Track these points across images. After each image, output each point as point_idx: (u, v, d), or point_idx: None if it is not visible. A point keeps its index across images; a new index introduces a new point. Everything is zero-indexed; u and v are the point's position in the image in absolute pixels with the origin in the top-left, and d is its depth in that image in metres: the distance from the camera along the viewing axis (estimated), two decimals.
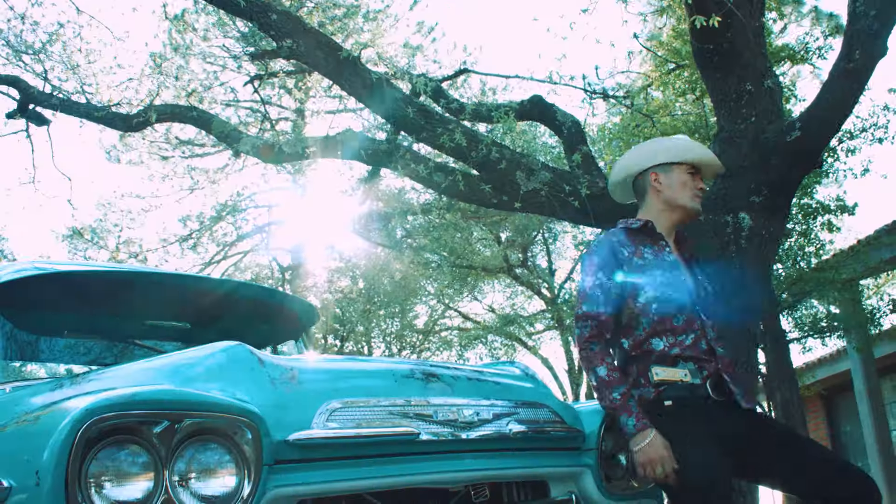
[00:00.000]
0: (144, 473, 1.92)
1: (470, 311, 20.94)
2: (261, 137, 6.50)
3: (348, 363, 2.96)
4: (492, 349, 18.98)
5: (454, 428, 2.47)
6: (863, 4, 4.64)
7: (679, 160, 3.04)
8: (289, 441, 2.12)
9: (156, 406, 1.94)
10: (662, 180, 3.03)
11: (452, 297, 19.78)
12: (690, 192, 3.01)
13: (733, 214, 5.00)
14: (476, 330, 19.42)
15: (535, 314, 19.53)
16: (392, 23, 12.83)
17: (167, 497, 1.93)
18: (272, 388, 2.25)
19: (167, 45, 12.29)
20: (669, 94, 10.20)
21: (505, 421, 2.63)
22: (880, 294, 11.46)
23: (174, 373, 2.32)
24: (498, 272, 16.90)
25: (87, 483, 1.83)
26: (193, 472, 2.00)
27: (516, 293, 19.66)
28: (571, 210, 5.29)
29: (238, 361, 2.34)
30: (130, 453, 1.92)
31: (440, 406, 2.48)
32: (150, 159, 14.40)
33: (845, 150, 9.16)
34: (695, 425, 2.74)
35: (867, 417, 11.27)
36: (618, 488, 2.97)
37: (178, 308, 3.98)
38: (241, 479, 2.04)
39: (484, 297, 20.44)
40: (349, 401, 2.31)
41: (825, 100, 4.74)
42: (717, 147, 5.18)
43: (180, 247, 14.36)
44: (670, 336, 2.82)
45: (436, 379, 2.61)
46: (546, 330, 20.05)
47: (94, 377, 2.60)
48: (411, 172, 5.52)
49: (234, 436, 2.04)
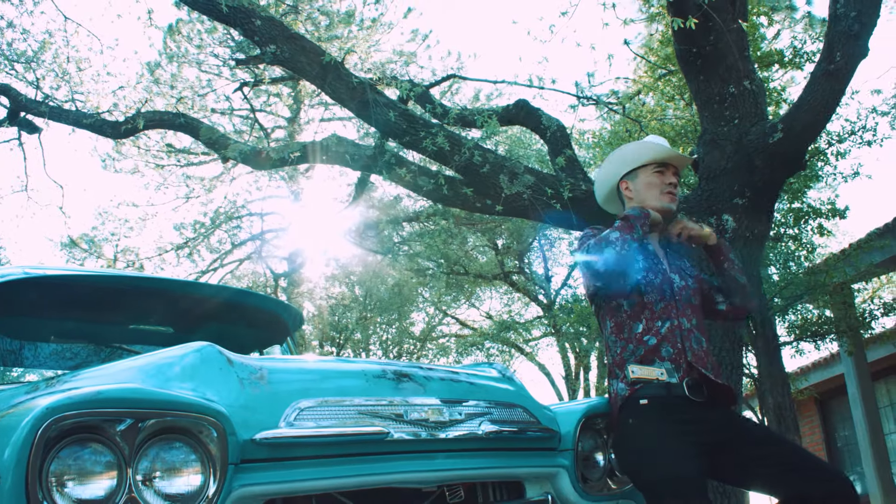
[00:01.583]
0: (107, 472, 1.92)
1: (467, 318, 20.97)
2: (248, 144, 6.51)
3: (319, 363, 2.97)
4: (489, 356, 18.96)
5: (425, 427, 2.47)
6: (843, 6, 4.66)
7: (640, 164, 3.08)
8: (255, 440, 2.12)
9: (119, 404, 1.93)
10: (631, 187, 3.10)
11: (450, 304, 19.80)
12: (656, 191, 3.04)
13: (717, 216, 5.01)
14: (473, 337, 19.39)
15: (532, 320, 19.50)
16: (386, 30, 12.88)
17: (130, 496, 1.93)
18: (240, 387, 2.25)
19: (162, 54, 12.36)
20: (659, 100, 10.23)
21: (478, 421, 2.63)
22: (872, 297, 11.46)
23: (143, 373, 2.32)
24: (494, 279, 16.91)
25: (48, 482, 1.83)
26: (158, 470, 2.00)
27: (513, 300, 19.69)
28: (554, 213, 5.30)
29: (207, 361, 2.34)
30: (93, 452, 1.92)
31: (412, 406, 2.49)
32: (145, 167, 14.45)
33: (835, 154, 9.17)
34: (670, 425, 2.75)
35: (861, 422, 11.25)
36: (595, 489, 2.97)
37: (162, 313, 3.99)
38: (207, 478, 2.04)
39: (481, 303, 20.47)
40: (318, 400, 2.31)
41: (807, 102, 4.76)
42: (701, 149, 5.20)
43: (176, 255, 14.37)
44: (648, 321, 2.86)
45: (408, 379, 2.61)
46: (543, 336, 20.02)
47: (67, 379, 2.61)
48: (396, 177, 5.53)
49: (199, 435, 2.05)
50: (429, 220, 13.72)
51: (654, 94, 10.40)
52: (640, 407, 2.80)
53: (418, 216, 13.75)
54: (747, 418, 3.24)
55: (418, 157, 6.84)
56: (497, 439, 2.67)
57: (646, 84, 10.11)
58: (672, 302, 2.92)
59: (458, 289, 17.67)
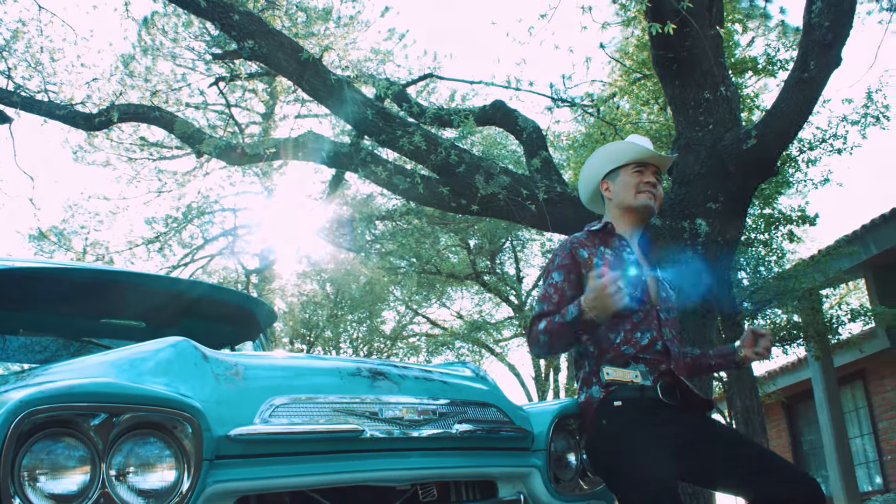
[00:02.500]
0: (80, 467, 1.90)
1: (438, 318, 20.97)
2: (223, 139, 6.47)
3: (294, 360, 2.95)
4: (459, 355, 18.98)
5: (399, 426, 2.47)
6: (817, 16, 4.72)
7: (620, 163, 3.09)
8: (230, 436, 2.11)
9: (93, 398, 1.92)
10: (611, 187, 3.10)
11: (420, 303, 19.79)
12: (633, 190, 3.04)
13: (690, 220, 5.06)
14: (444, 336, 19.41)
15: (503, 321, 19.57)
16: (363, 29, 12.84)
17: (104, 491, 1.91)
18: (215, 383, 2.24)
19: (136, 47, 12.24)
20: (634, 103, 10.30)
21: (452, 420, 2.64)
22: (840, 303, 11.61)
23: (117, 367, 2.30)
24: (466, 279, 16.92)
25: (20, 476, 1.81)
26: (132, 466, 1.98)
27: (484, 300, 19.72)
28: (529, 214, 5.32)
29: (181, 356, 2.32)
30: (66, 446, 1.90)
31: (386, 404, 2.48)
32: (117, 160, 14.30)
33: (806, 161, 9.29)
34: (643, 427, 2.77)
35: (827, 426, 11.40)
36: (567, 489, 2.98)
37: (135, 307, 3.95)
38: (181, 474, 2.03)
39: (452, 303, 20.49)
40: (293, 397, 2.30)
41: (780, 109, 4.82)
42: (676, 153, 5.25)
43: (147, 249, 14.24)
44: (626, 333, 2.85)
45: (382, 377, 2.61)
46: (513, 337, 20.12)
47: (38, 372, 2.58)
48: (371, 175, 5.52)
49: (173, 430, 2.04)
50: (401, 219, 13.70)
51: (629, 98, 10.47)
52: (613, 409, 2.82)
53: (391, 214, 13.73)
54: (718, 422, 3.27)
55: (393, 155, 6.84)
56: (471, 438, 2.68)
57: (621, 88, 10.18)
58: (653, 312, 2.92)
59: (430, 288, 17.66)
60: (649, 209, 3.06)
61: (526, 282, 18.19)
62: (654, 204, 3.07)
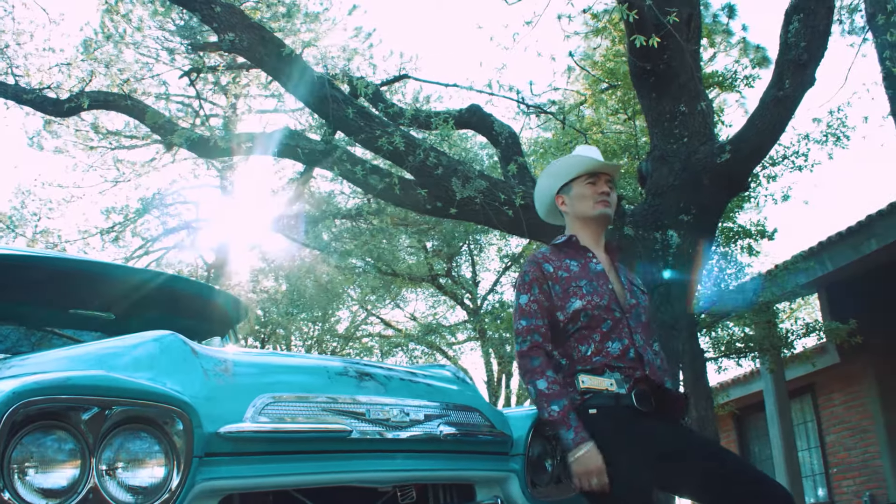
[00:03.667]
0: (71, 461, 1.87)
1: (392, 319, 20.90)
2: (195, 131, 6.38)
3: (282, 358, 2.93)
4: (412, 357, 18.95)
5: (386, 427, 2.47)
6: (794, 36, 4.81)
7: (571, 177, 3.10)
8: (220, 433, 2.09)
9: (88, 391, 1.88)
10: (567, 201, 3.12)
11: (375, 303, 19.71)
12: (590, 202, 3.06)
13: (662, 231, 5.11)
14: (397, 337, 19.38)
15: (457, 324, 19.58)
16: (330, 26, 12.76)
17: (94, 486, 1.87)
18: (205, 379, 2.21)
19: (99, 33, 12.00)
20: (602, 113, 10.38)
21: (436, 423, 2.64)
22: (790, 317, 11.82)
23: (103, 360, 2.25)
24: (422, 281, 16.89)
25: (9, 469, 1.77)
26: (122, 461, 1.95)
27: (439, 302, 19.70)
28: (505, 219, 5.33)
29: (171, 351, 2.29)
30: (57, 439, 1.86)
31: (373, 405, 2.47)
32: (74, 148, 14.00)
33: (767, 177, 9.45)
34: (618, 434, 2.78)
35: (777, 438, 11.58)
36: (542, 494, 3.00)
37: (102, 298, 3.87)
38: (170, 471, 2.00)
39: (406, 304, 20.44)
40: (282, 396, 2.28)
41: (755, 125, 4.90)
42: (650, 165, 5.30)
43: (102, 239, 13.98)
44: (597, 344, 2.86)
45: (369, 378, 2.60)
46: (467, 340, 20.12)
47: (16, 363, 2.52)
48: (348, 174, 5.49)
49: (164, 426, 2.00)
50: (360, 218, 13.64)
51: (595, 107, 10.54)
52: (588, 416, 2.83)
53: (352, 213, 13.66)
54: (693, 430, 3.31)
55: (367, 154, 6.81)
56: (454, 441, 2.68)
57: (592, 95, 10.25)
58: (623, 320, 2.93)
59: (385, 289, 17.60)
60: (607, 217, 3.09)
61: (482, 285, 18.24)
62: (611, 211, 3.10)
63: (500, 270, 18.25)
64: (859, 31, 7.72)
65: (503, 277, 18.48)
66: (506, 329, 15.64)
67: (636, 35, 4.48)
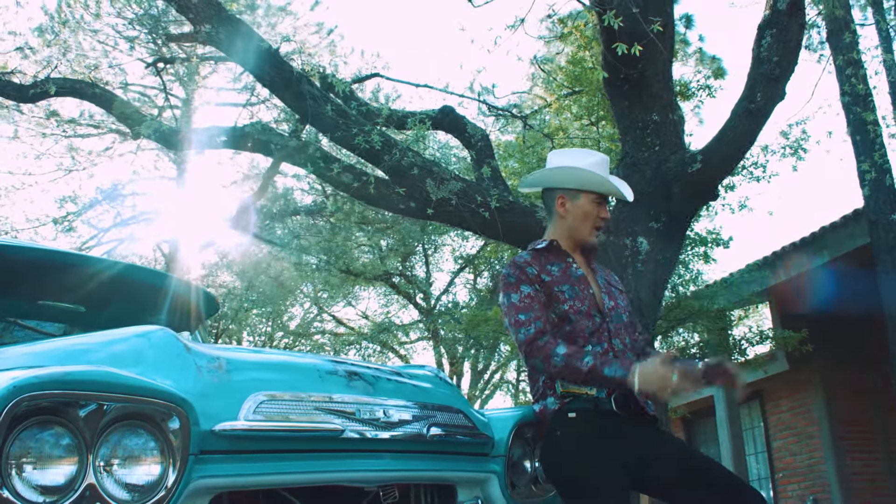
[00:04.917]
0: (68, 457, 1.83)
1: (344, 317, 20.81)
2: (164, 122, 6.29)
3: (273, 356, 2.91)
4: (364, 356, 18.90)
5: (375, 427, 2.46)
6: (766, 50, 4.91)
7: (587, 189, 3.05)
8: (215, 431, 2.06)
9: (88, 386, 1.84)
10: (568, 206, 3.07)
11: (327, 300, 19.61)
12: (590, 227, 3.05)
13: (632, 238, 5.17)
14: (349, 335, 19.31)
15: (410, 324, 19.57)
16: (293, 21, 12.67)
17: (90, 483, 1.84)
18: (198, 376, 2.19)
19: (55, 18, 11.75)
20: (566, 118, 10.46)
21: (423, 423, 2.64)
22: (740, 323, 12.02)
23: (92, 354, 2.22)
24: (375, 279, 16.84)
25: (7, 464, 1.73)
26: (118, 458, 1.91)
27: (391, 301, 19.66)
28: (480, 221, 5.35)
29: (163, 347, 2.26)
30: (54, 435, 1.82)
31: (362, 404, 2.47)
32: (26, 135, 13.69)
33: (725, 187, 9.59)
34: (596, 438, 2.81)
35: (726, 442, 11.79)
36: (521, 495, 3.02)
37: (66, 289, 3.79)
38: (166, 468, 1.97)
39: (359, 302, 20.37)
40: (276, 394, 2.26)
41: (727, 136, 4.99)
42: (621, 172, 5.36)
43: (54, 228, 13.70)
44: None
45: (357, 377, 2.59)
46: (419, 340, 20.13)
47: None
48: (321, 171, 5.45)
49: (160, 423, 1.97)
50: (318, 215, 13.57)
51: (558, 111, 10.61)
52: (567, 420, 2.85)
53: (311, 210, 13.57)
54: (671, 435, 3.34)
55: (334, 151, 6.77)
56: (440, 442, 2.68)
57: (553, 101, 10.32)
58: (603, 324, 2.95)
59: (337, 286, 17.52)
60: (595, 247, 3.10)
61: (435, 286, 18.26)
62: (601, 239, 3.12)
63: (454, 271, 18.32)
64: (817, 46, 7.89)
65: (457, 278, 18.55)
66: (460, 330, 15.67)
67: (618, 43, 4.52)
